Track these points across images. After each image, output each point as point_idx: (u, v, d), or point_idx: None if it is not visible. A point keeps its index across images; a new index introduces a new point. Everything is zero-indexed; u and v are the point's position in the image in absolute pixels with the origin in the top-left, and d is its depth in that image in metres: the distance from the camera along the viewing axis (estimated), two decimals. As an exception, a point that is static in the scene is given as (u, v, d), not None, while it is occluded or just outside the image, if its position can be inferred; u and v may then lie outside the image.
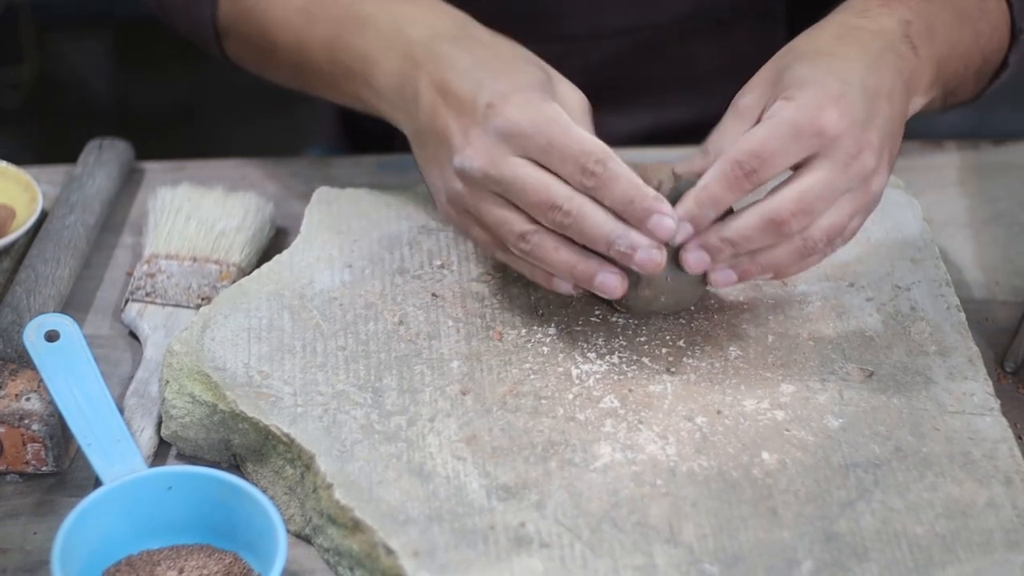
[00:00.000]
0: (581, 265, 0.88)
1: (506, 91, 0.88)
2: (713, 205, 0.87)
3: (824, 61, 0.89)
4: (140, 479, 0.86)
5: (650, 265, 0.87)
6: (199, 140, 2.30)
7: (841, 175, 0.87)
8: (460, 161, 0.89)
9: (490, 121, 0.87)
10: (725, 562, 0.82)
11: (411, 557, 0.81)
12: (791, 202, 0.86)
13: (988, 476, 0.86)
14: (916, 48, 0.93)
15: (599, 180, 0.86)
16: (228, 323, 0.95)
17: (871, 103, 0.88)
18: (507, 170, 0.87)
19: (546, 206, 0.86)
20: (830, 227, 0.88)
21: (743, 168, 0.86)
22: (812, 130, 0.86)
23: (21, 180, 1.10)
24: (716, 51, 1.23)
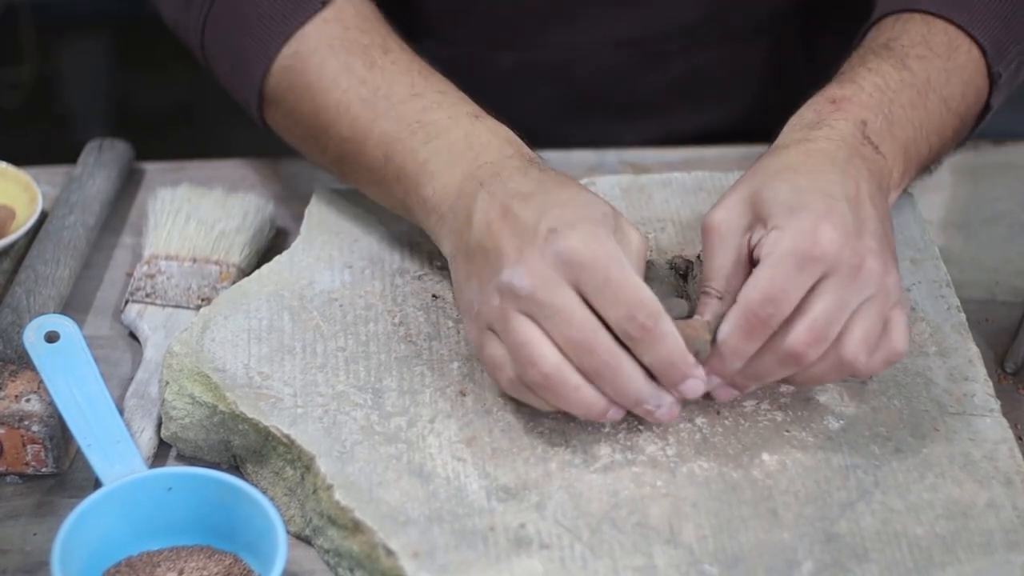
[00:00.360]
0: (598, 406, 0.84)
1: (571, 220, 0.84)
2: (738, 358, 0.85)
3: (799, 178, 0.88)
4: (140, 480, 0.86)
5: (669, 418, 0.85)
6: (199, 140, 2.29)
7: (849, 290, 0.84)
8: (510, 276, 0.84)
9: (550, 245, 0.83)
10: (725, 563, 0.82)
11: (411, 558, 0.81)
12: (803, 334, 0.84)
13: (988, 477, 0.86)
14: (877, 147, 0.92)
15: (648, 335, 0.82)
16: (228, 324, 0.95)
17: (857, 210, 0.87)
18: (558, 297, 0.83)
19: (586, 347, 0.83)
20: (863, 339, 0.85)
21: (760, 317, 0.83)
22: (814, 254, 0.84)
23: (21, 180, 1.10)
24: (723, 61, 1.23)
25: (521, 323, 0.83)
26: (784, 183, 0.87)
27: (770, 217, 0.86)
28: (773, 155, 0.91)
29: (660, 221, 1.03)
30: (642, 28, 1.20)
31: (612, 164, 1.17)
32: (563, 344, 0.83)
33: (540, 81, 1.22)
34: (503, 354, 0.85)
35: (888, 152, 0.93)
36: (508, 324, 0.84)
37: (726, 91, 1.24)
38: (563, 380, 0.83)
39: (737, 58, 1.23)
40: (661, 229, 1.02)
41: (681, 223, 1.03)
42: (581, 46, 1.20)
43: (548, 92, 1.23)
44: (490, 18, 0.96)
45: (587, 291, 0.83)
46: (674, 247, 1.00)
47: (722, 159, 1.17)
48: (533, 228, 0.85)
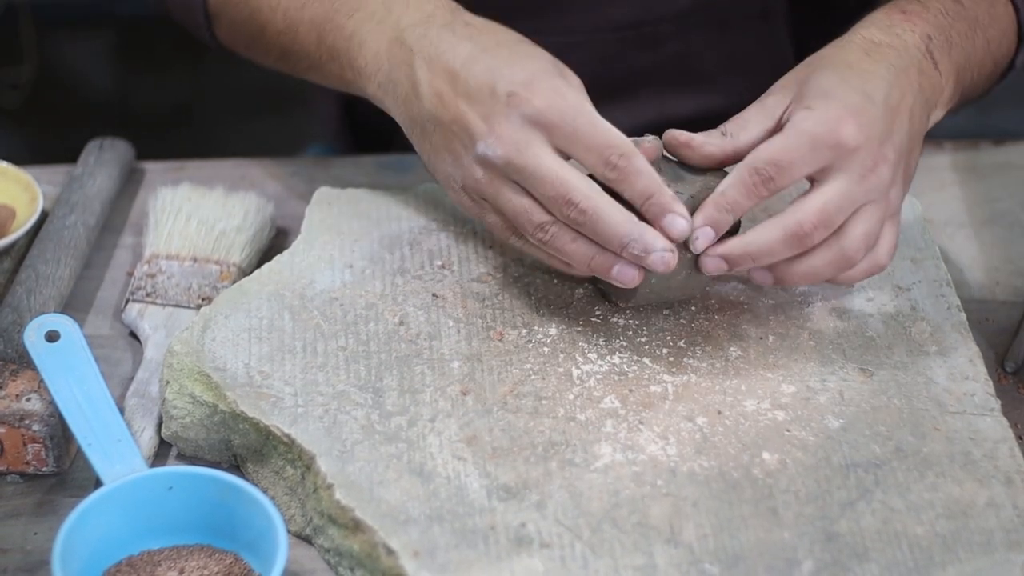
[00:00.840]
0: (599, 257, 0.89)
1: (526, 79, 0.88)
2: (732, 210, 0.88)
3: (850, 73, 0.91)
4: (140, 479, 0.86)
5: (662, 268, 0.88)
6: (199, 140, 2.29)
7: (858, 187, 0.88)
8: (484, 148, 0.89)
9: (515, 109, 0.88)
10: (725, 562, 0.82)
11: (412, 557, 0.81)
12: (812, 214, 0.88)
13: (988, 476, 0.86)
14: (937, 63, 0.96)
15: (621, 173, 0.87)
16: (228, 323, 0.95)
17: (891, 118, 0.90)
18: (530, 159, 0.87)
19: (562, 201, 0.87)
20: (865, 235, 0.90)
21: (761, 175, 0.87)
22: (830, 142, 0.87)
23: (21, 180, 1.10)
24: (718, 47, 1.23)
25: (511, 192, 0.89)
26: (834, 73, 0.91)
27: (806, 97, 0.90)
28: (837, 46, 0.95)
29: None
30: (637, 12, 1.20)
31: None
32: (544, 204, 0.88)
33: None
34: (500, 223, 0.92)
35: (944, 70, 0.96)
36: (499, 197, 0.90)
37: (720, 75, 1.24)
38: (559, 235, 0.88)
39: (731, 42, 1.23)
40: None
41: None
42: (576, 30, 1.20)
43: None
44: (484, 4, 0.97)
45: (561, 146, 0.88)
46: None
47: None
48: (491, 93, 0.89)
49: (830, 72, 0.91)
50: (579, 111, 0.88)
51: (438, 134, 0.92)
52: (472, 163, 0.90)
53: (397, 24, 0.96)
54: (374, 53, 0.96)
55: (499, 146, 0.88)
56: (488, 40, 0.93)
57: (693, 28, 1.22)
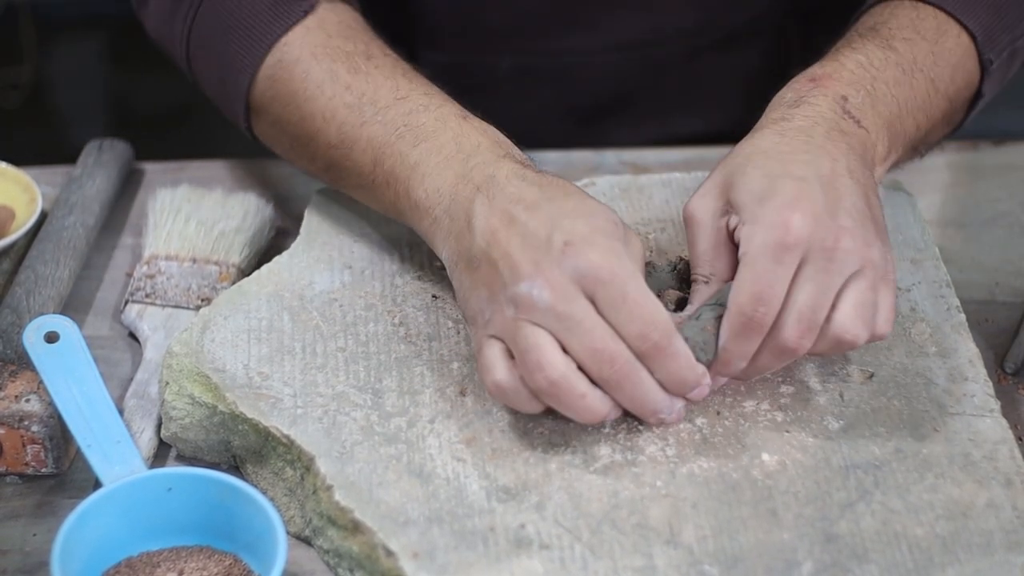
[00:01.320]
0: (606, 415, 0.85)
1: (585, 233, 0.85)
2: (741, 359, 0.87)
3: (770, 163, 0.89)
4: (140, 480, 0.86)
5: (677, 422, 0.88)
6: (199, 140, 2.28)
7: (826, 273, 0.85)
8: (528, 288, 0.83)
9: (568, 260, 0.84)
10: (725, 563, 0.82)
11: (411, 558, 0.81)
12: (792, 328, 0.85)
13: (988, 477, 0.86)
14: (859, 121, 0.93)
15: (661, 353, 0.84)
16: (228, 324, 0.95)
17: (830, 189, 0.87)
18: (577, 309, 0.83)
19: (605, 357, 0.83)
20: (854, 311, 0.86)
21: (753, 319, 0.85)
22: (787, 245, 0.85)
23: (21, 181, 1.10)
24: (723, 66, 1.23)
25: (533, 330, 0.83)
26: (755, 169, 0.88)
27: (741, 208, 0.87)
28: (749, 138, 0.92)
29: (660, 222, 1.03)
30: (642, 32, 1.20)
31: (612, 164, 1.17)
32: (583, 353, 0.83)
33: (540, 85, 1.22)
34: (497, 357, 0.85)
35: (871, 126, 0.93)
36: (520, 332, 0.84)
37: (725, 94, 1.24)
38: (570, 387, 0.83)
39: (736, 61, 1.23)
40: (661, 230, 1.02)
41: (681, 224, 1.03)
42: (581, 50, 1.20)
43: (548, 96, 1.23)
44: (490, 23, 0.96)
45: (602, 306, 0.83)
46: (674, 247, 1.00)
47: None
48: (547, 240, 0.85)
49: (751, 168, 0.89)
50: (632, 277, 0.84)
51: (483, 270, 0.87)
52: (507, 301, 0.85)
53: (466, 163, 0.91)
54: (436, 188, 0.91)
55: (546, 290, 0.83)
56: (553, 190, 0.89)
57: (699, 48, 1.22)
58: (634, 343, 0.83)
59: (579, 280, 0.83)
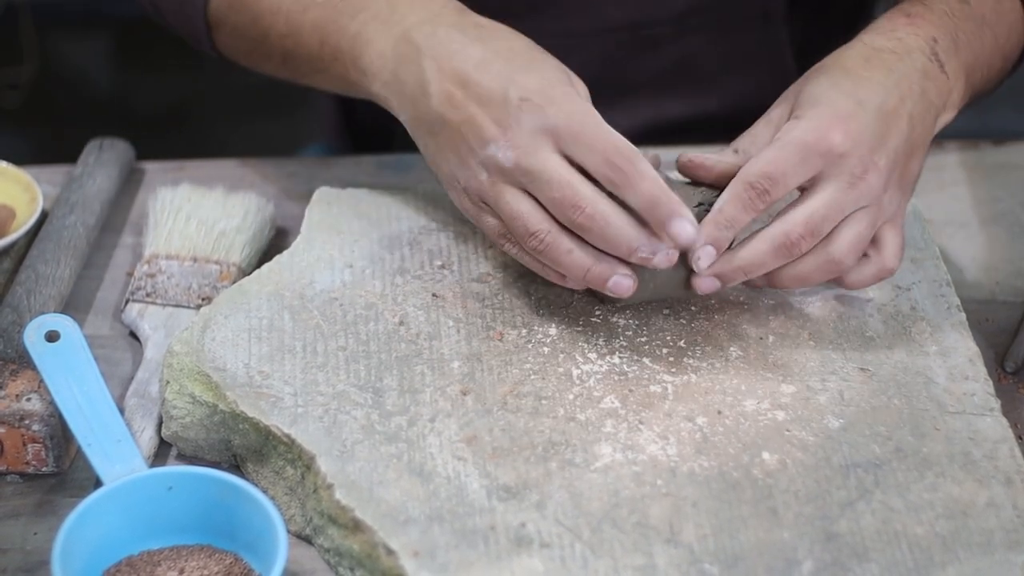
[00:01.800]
0: (596, 267, 0.89)
1: (539, 86, 0.90)
2: (730, 226, 0.89)
3: (845, 79, 0.92)
4: (140, 479, 0.86)
5: (666, 264, 0.89)
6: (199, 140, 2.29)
7: (846, 194, 0.89)
8: (494, 151, 0.89)
9: (526, 115, 0.89)
10: (725, 562, 0.82)
11: (411, 557, 0.81)
12: (799, 224, 0.89)
13: (988, 476, 0.86)
14: (943, 64, 0.96)
15: (626, 177, 0.87)
16: (228, 323, 0.95)
17: (884, 124, 0.91)
18: (540, 162, 0.88)
19: (569, 204, 0.88)
20: (853, 241, 0.91)
21: (756, 189, 0.89)
22: (820, 149, 0.89)
23: (21, 180, 1.10)
24: (715, 48, 1.23)
25: (512, 196, 0.89)
26: (827, 80, 0.92)
27: (799, 107, 0.92)
28: (838, 53, 0.96)
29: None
30: (636, 14, 1.20)
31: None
32: (550, 207, 0.89)
33: None
34: (496, 225, 0.92)
35: (952, 72, 0.97)
36: (500, 198, 0.90)
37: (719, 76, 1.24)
38: (556, 244, 0.89)
39: (729, 43, 1.23)
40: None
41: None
42: (575, 32, 1.20)
43: None
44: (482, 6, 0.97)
45: (568, 151, 0.88)
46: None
47: (722, 158, 1.17)
48: (503, 98, 0.90)
49: (824, 79, 0.92)
50: (587, 116, 0.89)
51: (445, 134, 0.92)
52: (478, 165, 0.91)
53: (403, 22, 0.96)
54: (379, 52, 0.96)
55: (510, 149, 0.89)
56: (500, 45, 0.93)
57: (691, 30, 1.22)
58: (603, 173, 0.87)
59: (540, 134, 0.88)
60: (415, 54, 0.94)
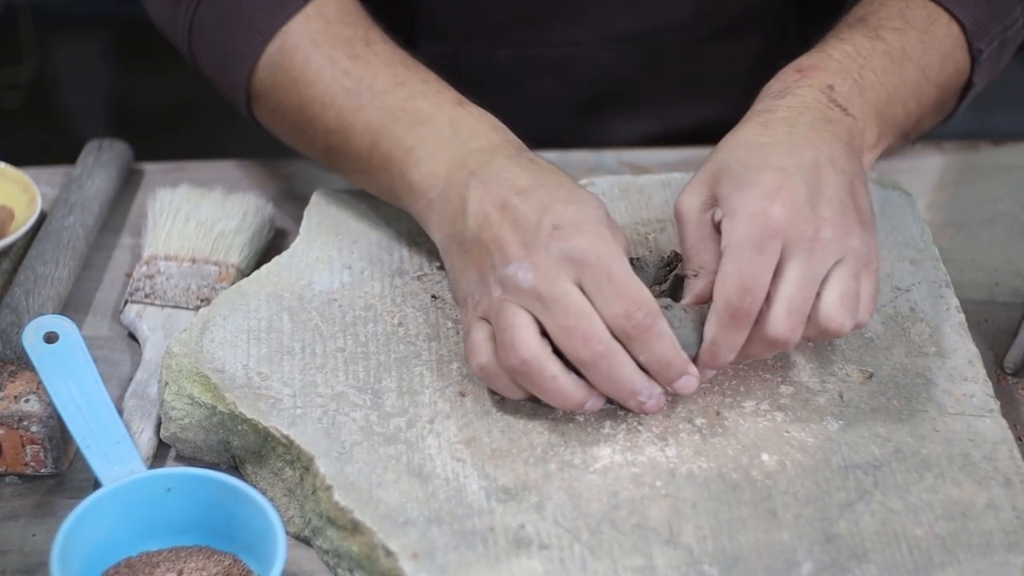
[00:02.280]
0: (577, 397, 0.86)
1: (574, 218, 0.87)
2: (729, 351, 0.87)
3: (751, 155, 0.90)
4: (139, 480, 0.86)
5: (656, 410, 0.87)
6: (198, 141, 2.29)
7: (811, 264, 0.86)
8: (515, 269, 0.86)
9: (555, 242, 0.86)
10: (724, 563, 0.82)
11: (410, 559, 0.81)
12: (783, 320, 0.86)
13: (988, 477, 0.86)
14: (845, 108, 0.94)
15: (645, 333, 0.85)
16: (227, 324, 0.94)
17: (812, 178, 0.88)
18: (559, 290, 0.85)
19: (582, 336, 0.84)
20: (840, 302, 0.87)
21: (741, 309, 0.85)
22: (767, 234, 0.85)
23: (20, 181, 1.10)
24: (722, 57, 1.23)
25: (514, 311, 0.85)
26: (736, 162, 0.90)
27: (723, 201, 0.88)
28: (734, 132, 0.93)
29: (660, 222, 1.03)
30: (640, 23, 1.20)
31: (611, 164, 1.17)
32: (558, 333, 0.85)
33: (539, 77, 1.22)
34: (483, 340, 0.87)
35: (858, 114, 0.94)
36: (501, 312, 0.86)
37: (724, 85, 1.24)
38: (540, 367, 0.85)
39: (734, 51, 1.23)
40: (661, 230, 1.02)
41: (681, 223, 1.03)
42: (580, 42, 1.20)
43: (547, 88, 1.23)
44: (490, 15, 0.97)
45: (588, 288, 0.85)
46: (673, 247, 1.00)
47: (722, 159, 1.17)
48: (536, 224, 0.87)
49: (733, 161, 0.90)
50: (617, 259, 0.86)
51: (474, 252, 0.89)
52: (496, 282, 0.87)
53: (463, 147, 0.93)
54: (431, 171, 0.94)
55: (531, 271, 0.85)
56: (547, 177, 0.90)
57: (697, 39, 1.22)
58: (619, 323, 0.84)
59: (565, 263, 0.85)
60: (466, 177, 0.91)
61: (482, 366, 0.87)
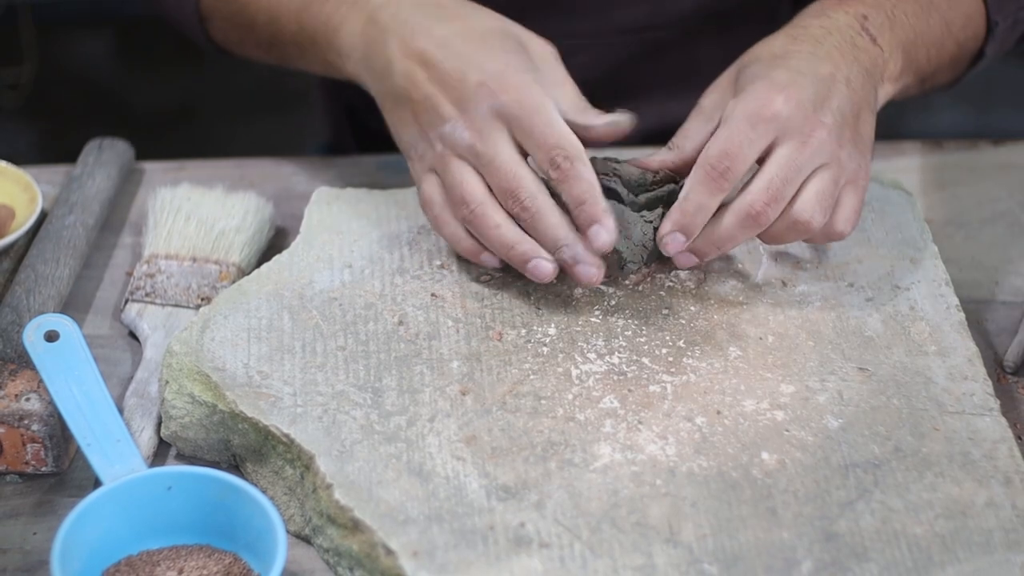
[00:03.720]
0: (520, 247, 0.93)
1: (497, 71, 0.93)
2: (700, 211, 0.92)
3: (776, 59, 0.95)
4: (140, 479, 0.86)
5: (585, 281, 0.93)
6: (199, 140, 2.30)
7: (800, 153, 0.92)
8: (451, 129, 0.94)
9: (483, 100, 0.93)
10: (724, 562, 0.82)
11: (411, 557, 0.81)
12: (761, 192, 0.92)
13: (987, 476, 0.86)
14: (875, 38, 0.99)
15: (563, 174, 0.92)
16: (228, 323, 0.95)
17: (823, 87, 0.94)
18: (490, 148, 0.93)
19: (509, 194, 0.92)
20: (816, 197, 0.93)
21: (717, 169, 0.91)
22: (764, 116, 0.92)
23: (21, 180, 1.10)
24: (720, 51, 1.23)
25: (458, 166, 0.94)
26: (758, 63, 0.96)
27: (737, 90, 0.95)
28: (763, 42, 0.99)
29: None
30: (642, 17, 1.20)
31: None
32: (496, 190, 0.93)
33: None
34: (435, 191, 0.96)
35: (885, 45, 0.99)
36: (448, 167, 0.94)
37: None
38: (484, 216, 0.93)
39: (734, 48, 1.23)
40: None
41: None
42: (581, 35, 1.20)
43: None
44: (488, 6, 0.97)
45: (518, 136, 0.93)
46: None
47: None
48: (461, 80, 0.94)
49: (758, 63, 0.96)
50: (539, 108, 0.93)
51: (408, 109, 0.96)
52: (435, 138, 0.95)
53: (368, 4, 1.00)
54: (349, 33, 1.01)
55: (465, 131, 0.93)
56: (463, 25, 0.97)
57: (696, 34, 1.22)
58: (544, 168, 0.93)
59: (495, 119, 0.93)
60: (380, 34, 0.98)
61: (436, 216, 0.96)
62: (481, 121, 0.93)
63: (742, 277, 0.99)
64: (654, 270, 0.98)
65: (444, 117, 0.94)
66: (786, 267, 1.00)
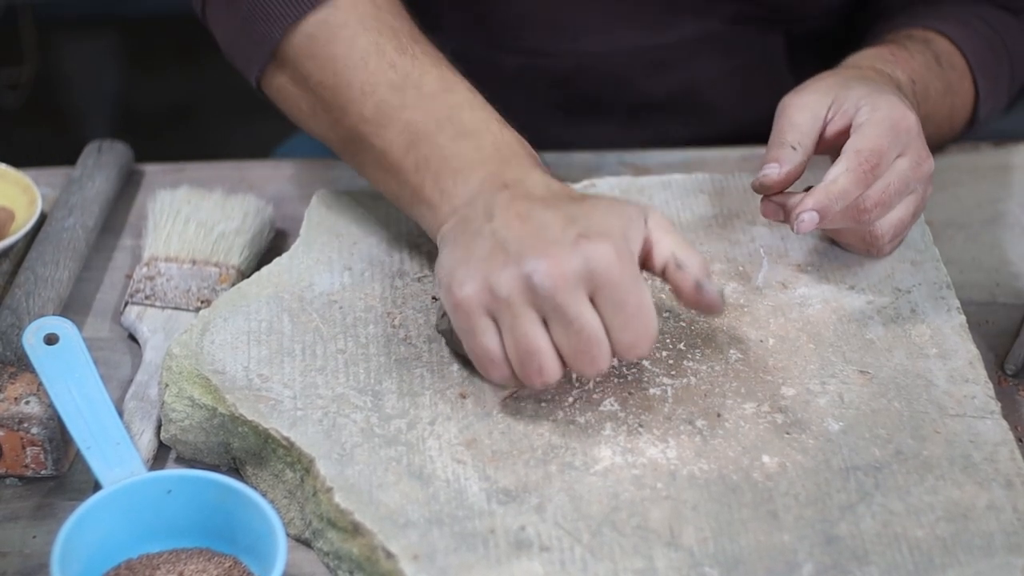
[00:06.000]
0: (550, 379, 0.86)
1: (599, 230, 0.85)
2: (842, 198, 0.93)
3: (875, 86, 0.98)
4: (139, 482, 0.86)
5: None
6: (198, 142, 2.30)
7: (913, 172, 0.95)
8: (532, 268, 0.83)
9: (579, 250, 0.84)
10: (725, 565, 0.82)
11: (411, 561, 0.81)
12: (877, 193, 0.94)
13: (989, 479, 0.86)
14: (916, 105, 1.02)
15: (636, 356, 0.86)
16: (227, 326, 0.94)
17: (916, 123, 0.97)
18: (575, 309, 0.83)
19: (592, 361, 0.84)
20: (898, 223, 0.97)
21: (870, 162, 0.93)
22: (903, 127, 0.95)
23: (20, 182, 1.10)
24: (719, 68, 1.24)
25: (533, 326, 0.84)
26: (864, 84, 0.98)
27: (859, 99, 0.96)
28: (849, 66, 1.03)
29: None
30: (646, 37, 1.20)
31: (612, 165, 1.17)
32: (569, 349, 0.84)
33: (543, 86, 1.23)
34: (496, 347, 0.85)
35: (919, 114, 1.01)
36: (519, 322, 0.84)
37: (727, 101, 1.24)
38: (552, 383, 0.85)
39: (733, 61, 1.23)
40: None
41: (682, 225, 1.03)
42: (586, 54, 1.20)
43: (550, 97, 1.23)
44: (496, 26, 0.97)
45: (601, 303, 0.84)
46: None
47: (723, 161, 1.17)
48: (561, 231, 0.85)
49: (859, 83, 0.98)
50: (636, 284, 0.84)
51: (483, 241, 0.87)
52: (509, 277, 0.84)
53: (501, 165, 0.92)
54: (465, 181, 0.92)
55: (549, 277, 0.83)
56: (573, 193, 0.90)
57: (696, 52, 1.22)
58: (621, 349, 0.85)
59: (584, 275, 0.83)
60: (498, 189, 0.90)
61: (505, 378, 0.86)
62: (569, 272, 0.83)
63: (743, 279, 0.99)
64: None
65: (528, 253, 0.84)
66: (787, 270, 1.00)
